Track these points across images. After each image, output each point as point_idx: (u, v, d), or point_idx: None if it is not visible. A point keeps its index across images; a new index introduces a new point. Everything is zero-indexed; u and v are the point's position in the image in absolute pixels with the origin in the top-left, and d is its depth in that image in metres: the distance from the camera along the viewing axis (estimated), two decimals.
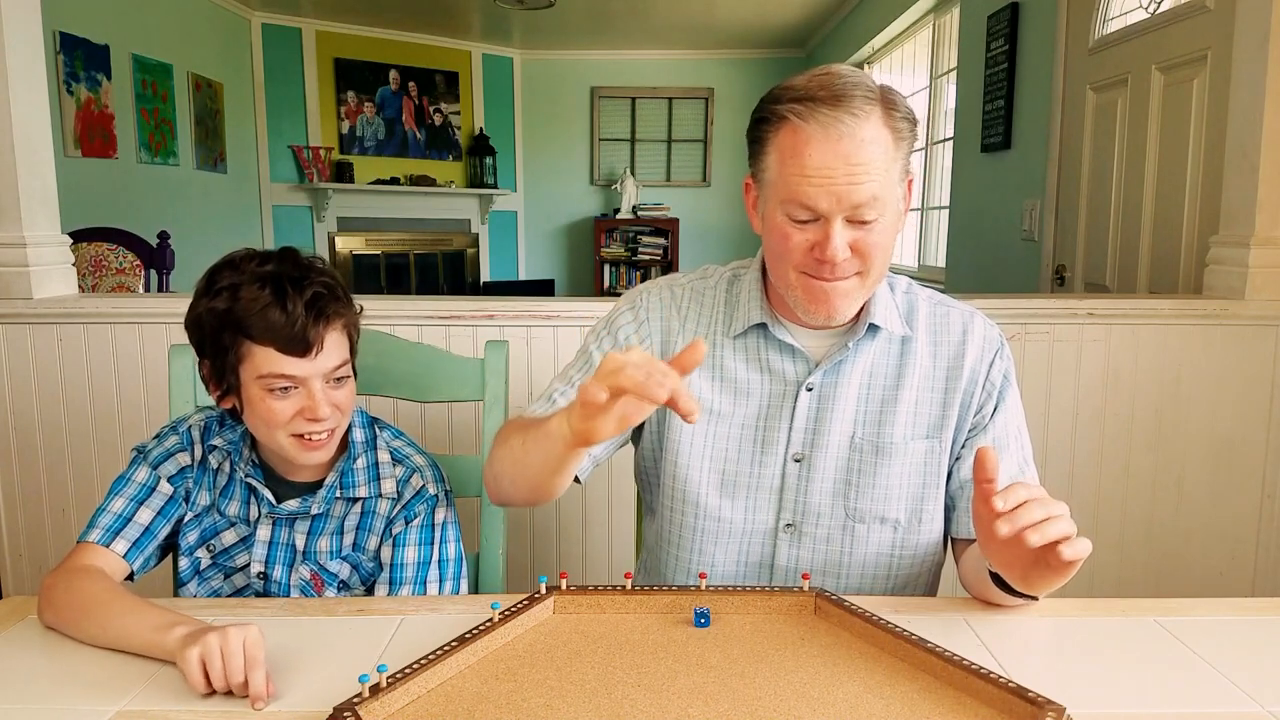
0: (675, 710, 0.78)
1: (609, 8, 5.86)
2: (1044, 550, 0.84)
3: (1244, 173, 1.92)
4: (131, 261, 3.28)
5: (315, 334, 1.05)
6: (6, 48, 1.87)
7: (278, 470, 1.15)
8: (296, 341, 1.04)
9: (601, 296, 5.55)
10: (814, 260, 1.00)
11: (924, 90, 4.63)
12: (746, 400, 1.12)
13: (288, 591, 1.13)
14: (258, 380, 1.05)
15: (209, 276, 1.08)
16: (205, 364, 1.10)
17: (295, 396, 1.06)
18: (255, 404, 1.07)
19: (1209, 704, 0.81)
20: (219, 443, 1.15)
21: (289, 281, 1.05)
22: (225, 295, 1.05)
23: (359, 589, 1.15)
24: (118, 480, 1.14)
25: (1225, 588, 1.99)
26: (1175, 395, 1.95)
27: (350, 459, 1.15)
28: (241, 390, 1.07)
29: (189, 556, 1.15)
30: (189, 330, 1.11)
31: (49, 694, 0.82)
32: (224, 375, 1.08)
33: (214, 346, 1.07)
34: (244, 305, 1.04)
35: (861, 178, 0.95)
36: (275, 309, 1.03)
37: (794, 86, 0.99)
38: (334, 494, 1.14)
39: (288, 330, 1.03)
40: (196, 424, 1.18)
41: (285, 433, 1.07)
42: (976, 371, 1.11)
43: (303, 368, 1.05)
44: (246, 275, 1.05)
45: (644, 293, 1.18)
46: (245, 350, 1.05)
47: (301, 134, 6.33)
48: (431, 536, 1.14)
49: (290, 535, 1.14)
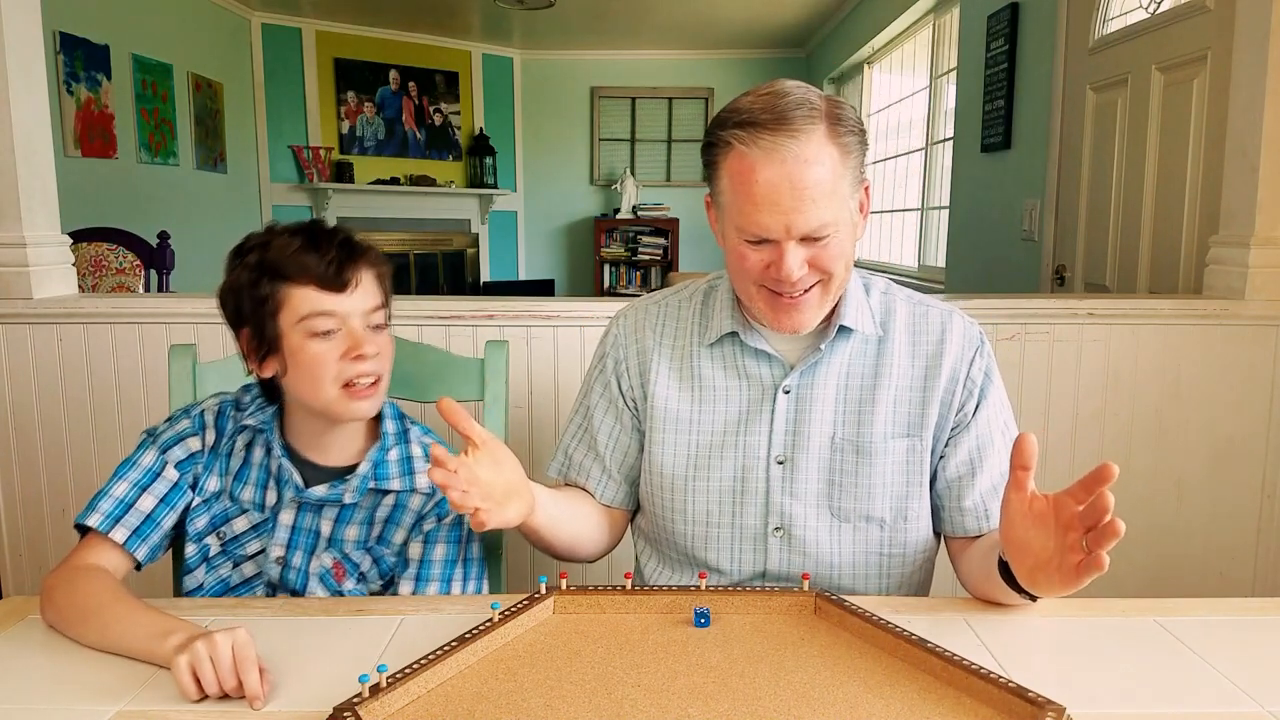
0: (675, 710, 0.78)
1: (609, 8, 5.86)
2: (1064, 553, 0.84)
3: (1244, 173, 1.92)
4: (131, 261, 3.28)
5: (351, 270, 1.07)
6: (6, 48, 1.87)
7: (305, 453, 1.14)
8: (332, 278, 1.05)
9: (601, 297, 5.55)
10: (771, 277, 1.02)
11: (924, 90, 4.62)
12: (726, 404, 1.13)
13: (305, 579, 1.12)
14: (299, 325, 1.05)
15: (236, 250, 1.10)
16: (244, 332, 1.09)
17: (338, 339, 1.07)
18: (299, 354, 1.06)
19: (1209, 704, 0.81)
20: (252, 422, 1.14)
21: (318, 230, 1.08)
22: (256, 250, 1.07)
23: (376, 583, 1.14)
24: (123, 463, 1.12)
25: (1225, 588, 1.99)
26: (1175, 395, 1.95)
27: (383, 449, 1.15)
28: (283, 344, 1.06)
29: (197, 543, 1.13)
30: (223, 302, 1.10)
31: (49, 694, 0.82)
32: (263, 334, 1.07)
33: (251, 301, 1.06)
34: (277, 251, 1.06)
35: (808, 202, 0.96)
36: (309, 251, 1.06)
37: (739, 109, 0.99)
38: (367, 484, 1.13)
39: (322, 268, 1.05)
40: (210, 408, 1.17)
41: (333, 382, 1.07)
42: (957, 370, 1.11)
43: (341, 304, 1.06)
44: (275, 233, 1.08)
45: (620, 317, 1.22)
46: (283, 295, 1.05)
47: (301, 134, 6.33)
48: (460, 535, 1.14)
49: (316, 521, 1.13)
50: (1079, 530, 0.83)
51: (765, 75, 6.94)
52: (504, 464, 0.98)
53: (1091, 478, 0.82)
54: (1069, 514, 0.84)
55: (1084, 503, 0.83)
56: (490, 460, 0.96)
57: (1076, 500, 0.83)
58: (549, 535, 1.09)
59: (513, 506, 0.98)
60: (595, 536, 1.18)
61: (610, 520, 1.21)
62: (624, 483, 1.20)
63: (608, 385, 1.19)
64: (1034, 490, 0.88)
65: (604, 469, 1.19)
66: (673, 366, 1.16)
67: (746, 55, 7.19)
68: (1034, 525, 0.87)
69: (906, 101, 5.03)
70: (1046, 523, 0.86)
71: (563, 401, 1.93)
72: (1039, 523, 0.87)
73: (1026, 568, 0.89)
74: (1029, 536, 0.88)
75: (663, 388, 1.15)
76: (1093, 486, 0.82)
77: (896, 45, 5.21)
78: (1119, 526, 0.79)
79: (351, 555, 1.13)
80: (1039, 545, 0.87)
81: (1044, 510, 0.87)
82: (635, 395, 1.17)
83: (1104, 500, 0.81)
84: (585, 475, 1.20)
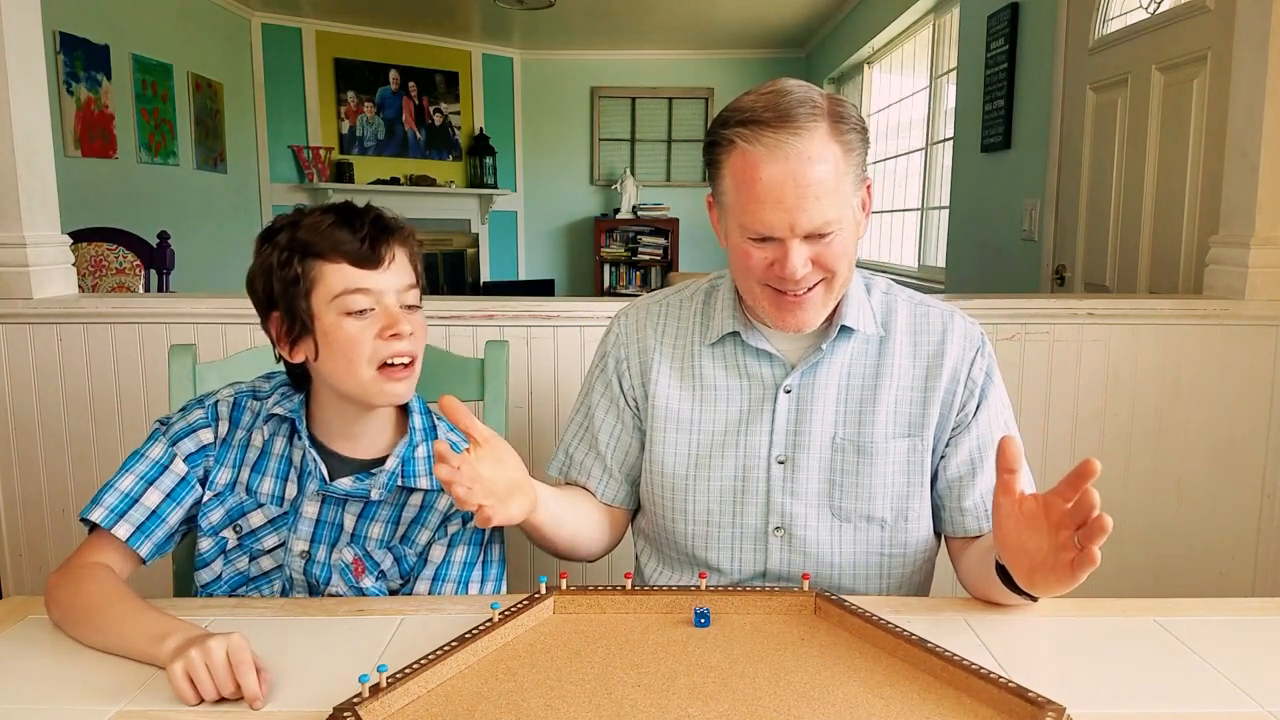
0: (675, 710, 0.78)
1: (609, 8, 5.86)
2: (1058, 552, 0.85)
3: (1244, 173, 1.92)
4: (131, 261, 3.28)
5: (385, 246, 1.06)
6: (6, 48, 1.87)
7: (331, 444, 1.12)
8: (366, 254, 1.04)
9: (601, 297, 5.55)
10: (775, 276, 1.02)
11: (924, 90, 4.62)
12: (726, 404, 1.13)
13: (327, 573, 1.10)
14: (332, 303, 1.04)
15: (265, 233, 1.09)
16: (274, 314, 1.07)
17: (372, 318, 1.05)
18: (333, 334, 1.04)
19: (1209, 704, 0.81)
20: (280, 411, 1.11)
21: (350, 208, 1.08)
22: (287, 230, 1.06)
23: (395, 582, 1.12)
24: (133, 454, 1.09)
25: (1225, 588, 1.99)
26: (1175, 395, 1.95)
27: (411, 446, 1.13)
28: (316, 325, 1.05)
29: (213, 537, 1.11)
30: (252, 286, 1.08)
31: (49, 694, 0.82)
32: (295, 315, 1.05)
33: (282, 282, 1.04)
34: (308, 229, 1.05)
35: (811, 200, 0.96)
36: (342, 228, 1.05)
37: (741, 107, 1.00)
38: (395, 481, 1.12)
39: (356, 245, 1.04)
40: (225, 398, 1.14)
41: (368, 363, 1.05)
42: (958, 370, 1.11)
43: (376, 280, 1.05)
44: (306, 213, 1.07)
45: (621, 317, 1.22)
46: (316, 273, 1.04)
47: (301, 134, 6.33)
48: (482, 537, 1.13)
49: (339, 515, 1.11)
50: (1070, 528, 0.84)
51: (765, 75, 6.94)
52: (506, 461, 0.98)
53: (1075, 474, 0.83)
54: (1059, 512, 0.85)
55: (1071, 500, 0.84)
56: (493, 457, 0.96)
57: (1064, 498, 0.84)
58: (551, 533, 1.09)
59: (515, 503, 0.98)
60: (596, 535, 1.18)
61: (611, 519, 1.21)
62: (625, 482, 1.20)
63: (609, 384, 1.19)
64: (1023, 492, 0.89)
65: (605, 468, 1.19)
66: (674, 366, 1.16)
67: (746, 55, 7.19)
68: (1027, 527, 0.88)
69: (906, 101, 5.02)
70: (1038, 523, 0.87)
71: (563, 401, 1.94)
72: (1031, 524, 0.88)
73: (1024, 569, 0.90)
74: (1023, 539, 0.88)
75: (664, 387, 1.15)
76: (1078, 483, 0.83)
77: (896, 45, 5.21)
78: (1106, 521, 0.80)
79: (373, 553, 1.11)
80: (1034, 546, 0.87)
81: (1034, 511, 0.87)
82: (636, 394, 1.18)
83: (1089, 496, 0.81)
84: (586, 474, 1.20)
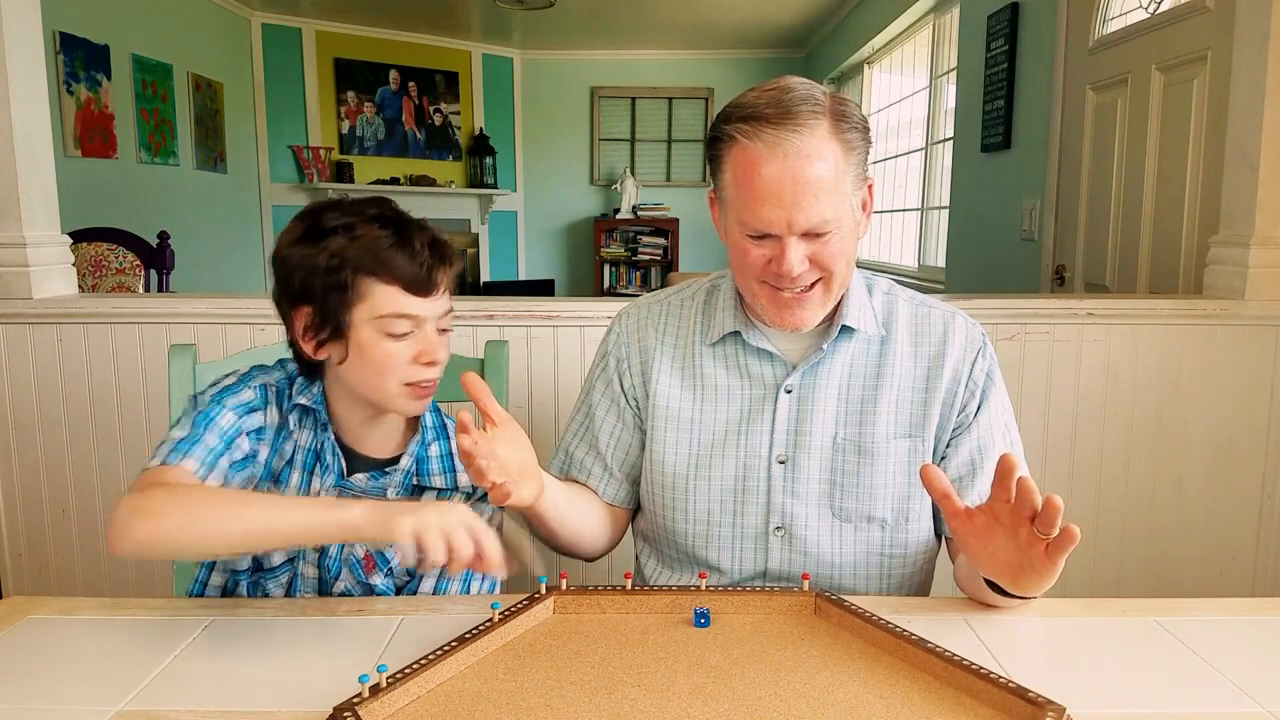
0: (675, 710, 0.78)
1: (609, 8, 5.86)
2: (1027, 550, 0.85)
3: (1244, 173, 1.92)
4: (131, 261, 3.28)
5: (439, 275, 1.05)
6: (6, 48, 1.87)
7: (344, 439, 1.11)
8: (422, 281, 1.03)
9: (601, 296, 5.55)
10: (773, 273, 1.02)
11: (924, 90, 4.62)
12: (727, 403, 1.13)
13: (338, 567, 1.10)
14: (375, 321, 1.02)
15: (310, 219, 1.04)
16: (305, 309, 1.04)
17: (410, 340, 1.04)
18: (368, 348, 1.03)
19: (1209, 704, 0.81)
20: (305, 401, 1.09)
21: (406, 223, 1.05)
22: (341, 234, 1.02)
23: (402, 579, 1.12)
24: (200, 417, 1.03)
25: (1225, 588, 1.99)
26: (1175, 395, 1.95)
27: (423, 444, 1.13)
28: (351, 335, 1.03)
29: None
30: (285, 272, 1.04)
31: (49, 694, 0.82)
32: (329, 318, 1.03)
33: (325, 286, 1.01)
34: (367, 243, 1.02)
35: (810, 198, 0.96)
36: (402, 249, 1.02)
37: (743, 104, 1.00)
38: (410, 479, 1.11)
39: (413, 270, 1.02)
40: (271, 384, 1.10)
41: (398, 380, 1.04)
42: (959, 371, 1.11)
43: (423, 308, 1.04)
44: (359, 216, 1.03)
45: (622, 316, 1.22)
46: (365, 289, 1.02)
47: (301, 134, 6.32)
48: None
49: None
50: (1025, 524, 0.84)
51: (765, 75, 6.93)
52: (520, 444, 1.00)
53: (999, 474, 0.84)
54: (1007, 513, 0.86)
55: (1008, 500, 0.84)
56: (508, 439, 0.98)
57: (1003, 500, 0.85)
58: (555, 523, 1.09)
59: (526, 486, 0.99)
60: (598, 531, 1.18)
61: (612, 518, 1.21)
62: (625, 481, 1.20)
63: (610, 384, 1.19)
64: (967, 506, 0.90)
65: (605, 467, 1.19)
66: (675, 365, 1.16)
67: (746, 55, 7.19)
68: (987, 538, 0.89)
69: (906, 101, 5.02)
70: (995, 530, 0.88)
71: (563, 401, 1.94)
72: (989, 534, 0.89)
73: (1007, 577, 0.91)
74: (991, 549, 0.89)
75: (664, 386, 1.15)
76: (1005, 482, 0.84)
77: (896, 45, 5.21)
78: (1056, 501, 0.81)
79: (384, 550, 1.11)
80: (1004, 553, 0.88)
81: (987, 521, 0.88)
82: (637, 394, 1.18)
83: (1025, 486, 0.82)
84: (587, 473, 1.20)
